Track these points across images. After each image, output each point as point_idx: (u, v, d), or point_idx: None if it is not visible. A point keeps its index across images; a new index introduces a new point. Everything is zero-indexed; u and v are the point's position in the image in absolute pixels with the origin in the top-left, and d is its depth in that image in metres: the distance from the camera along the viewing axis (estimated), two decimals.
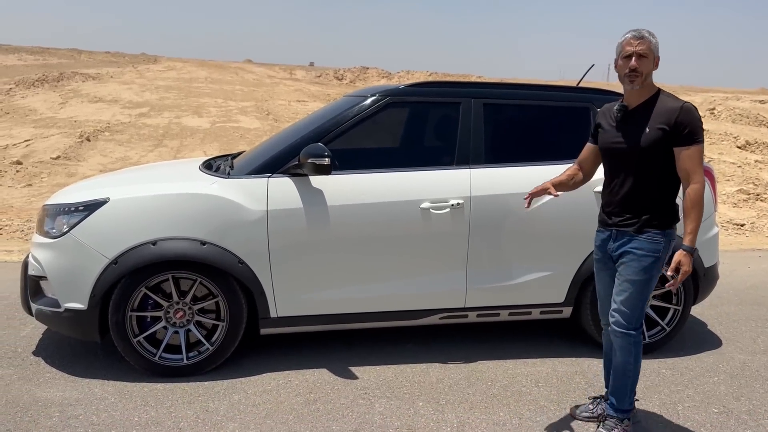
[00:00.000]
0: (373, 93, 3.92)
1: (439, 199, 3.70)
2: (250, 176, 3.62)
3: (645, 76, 2.75)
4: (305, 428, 3.06)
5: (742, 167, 14.40)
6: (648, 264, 2.80)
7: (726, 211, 9.92)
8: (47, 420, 3.06)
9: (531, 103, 4.03)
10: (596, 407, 3.22)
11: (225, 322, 3.57)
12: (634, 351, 2.91)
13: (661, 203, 2.82)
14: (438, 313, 3.84)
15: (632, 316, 2.86)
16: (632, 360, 2.91)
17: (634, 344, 2.90)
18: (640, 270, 2.81)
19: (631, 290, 2.84)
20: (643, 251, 2.81)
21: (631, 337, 2.88)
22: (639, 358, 2.94)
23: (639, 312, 2.87)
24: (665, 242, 2.82)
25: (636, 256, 2.82)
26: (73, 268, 3.43)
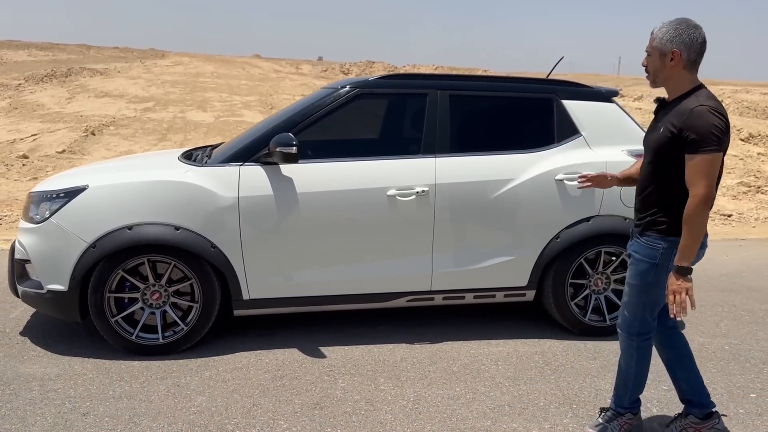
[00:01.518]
0: (344, 85, 4.08)
1: (404, 187, 3.85)
2: (223, 165, 3.79)
3: (652, 73, 2.62)
4: (269, 402, 3.24)
5: (744, 160, 14.44)
6: (643, 269, 2.69)
7: (726, 204, 9.99)
8: (28, 393, 3.27)
9: (495, 94, 4.18)
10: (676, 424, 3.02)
11: (199, 304, 3.75)
12: (636, 355, 2.84)
13: (669, 208, 2.62)
14: (405, 296, 4.00)
15: (632, 322, 2.79)
16: (633, 363, 2.86)
17: (636, 349, 2.83)
18: (635, 274, 2.73)
19: (629, 294, 2.78)
20: (639, 255, 2.71)
21: (633, 341, 2.82)
22: (642, 363, 2.86)
23: (639, 318, 2.77)
24: (666, 249, 2.63)
25: (633, 259, 2.75)
26: (54, 252, 3.62)
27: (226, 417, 3.09)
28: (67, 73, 30.37)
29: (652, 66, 2.60)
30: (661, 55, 2.55)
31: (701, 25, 2.55)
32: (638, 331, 2.80)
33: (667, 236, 2.62)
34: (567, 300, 4.11)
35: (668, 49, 2.53)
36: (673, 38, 2.51)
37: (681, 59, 2.52)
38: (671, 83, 2.60)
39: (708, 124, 2.41)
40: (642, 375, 2.91)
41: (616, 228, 4.05)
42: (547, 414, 3.21)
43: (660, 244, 2.64)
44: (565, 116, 4.13)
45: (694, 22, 2.54)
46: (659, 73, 2.60)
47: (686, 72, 2.56)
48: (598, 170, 4.00)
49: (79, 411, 3.11)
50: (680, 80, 2.57)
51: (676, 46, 2.51)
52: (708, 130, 2.41)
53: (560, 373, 3.66)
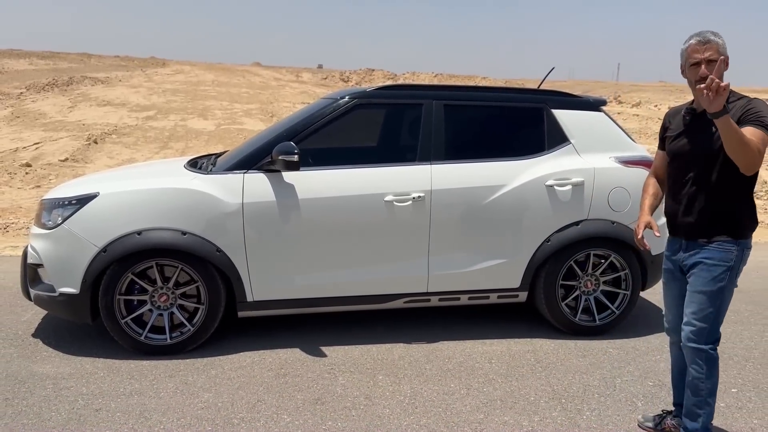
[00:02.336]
0: (343, 95, 4.26)
1: (401, 193, 4.03)
2: (228, 172, 3.97)
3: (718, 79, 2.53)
4: (272, 398, 3.41)
5: None
6: (719, 274, 2.69)
7: None
8: (42, 390, 3.43)
9: (488, 104, 4.36)
10: (661, 420, 3.13)
11: (205, 306, 3.91)
12: (706, 367, 2.77)
13: (731, 211, 2.68)
14: (402, 297, 4.17)
15: (703, 330, 2.74)
16: (704, 377, 2.78)
17: (706, 360, 2.76)
18: (710, 280, 2.70)
19: (700, 303, 2.73)
20: (714, 261, 2.70)
21: (703, 352, 2.76)
22: (712, 374, 2.79)
23: (712, 325, 2.74)
24: (738, 251, 2.69)
25: (706, 266, 2.71)
26: (66, 256, 3.79)
27: (232, 412, 3.25)
28: (69, 82, 30.60)
29: (718, 73, 2.56)
30: (725, 60, 2.63)
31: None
32: (707, 339, 2.75)
33: (737, 239, 2.69)
34: (558, 301, 4.28)
35: (725, 54, 2.63)
36: (725, 45, 2.64)
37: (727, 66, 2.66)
38: None
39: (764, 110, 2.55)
40: (713, 388, 2.82)
41: (604, 231, 4.22)
42: (537, 408, 3.37)
43: (733, 247, 2.69)
44: (555, 125, 4.31)
45: None
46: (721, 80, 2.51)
47: None
48: (585, 176, 4.21)
49: (92, 407, 3.27)
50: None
51: (726, 53, 2.64)
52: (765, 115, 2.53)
53: (551, 370, 3.82)
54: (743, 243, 2.72)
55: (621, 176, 4.26)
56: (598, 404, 3.43)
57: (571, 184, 4.19)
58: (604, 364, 3.94)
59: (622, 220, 4.23)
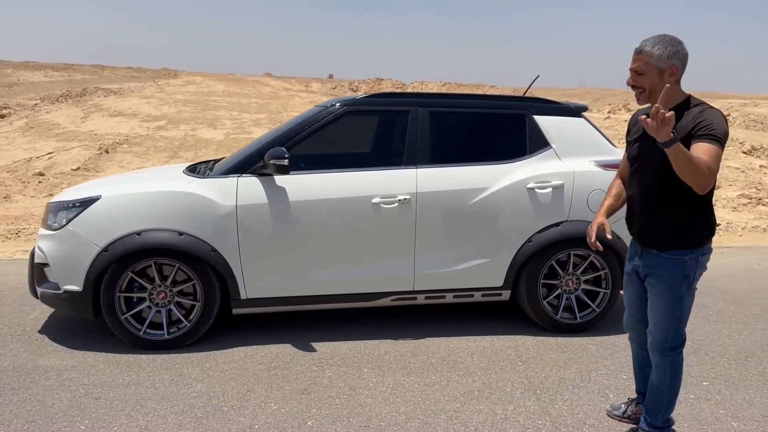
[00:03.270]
0: (333, 103, 4.47)
1: (388, 195, 4.22)
2: (223, 176, 4.19)
3: (649, 92, 2.64)
4: (261, 388, 3.60)
5: (746, 172, 14.67)
6: (674, 285, 2.73)
7: (725, 215, 10.22)
8: (46, 381, 3.65)
9: (472, 110, 4.56)
10: (627, 407, 3.28)
11: (200, 303, 4.12)
12: (670, 372, 2.86)
13: (684, 221, 2.68)
14: (389, 295, 4.36)
15: (666, 338, 2.80)
16: (667, 380, 2.87)
17: (671, 365, 2.85)
18: (666, 291, 2.75)
19: (660, 313, 2.79)
20: (668, 273, 2.73)
21: (668, 357, 2.84)
22: (675, 378, 2.88)
23: (673, 332, 2.79)
24: (692, 260, 2.71)
25: (662, 278, 2.75)
26: (70, 256, 4.02)
27: (223, 400, 3.45)
28: (82, 93, 31.12)
29: (649, 83, 2.61)
30: (660, 72, 2.60)
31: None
32: (672, 345, 2.82)
33: (692, 249, 2.70)
34: (540, 299, 4.45)
35: (666, 65, 2.59)
36: (672, 55, 2.59)
37: (678, 74, 2.63)
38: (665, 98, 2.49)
39: (722, 120, 2.53)
40: (675, 392, 2.91)
41: (584, 232, 4.37)
42: (512, 398, 3.54)
43: (687, 257, 2.70)
44: (537, 130, 4.49)
45: (677, 37, 2.64)
46: (655, 90, 2.60)
47: (678, 85, 2.67)
48: (565, 179, 4.38)
49: (92, 396, 3.48)
50: (676, 93, 2.65)
51: (675, 62, 2.60)
52: (722, 127, 2.52)
53: (529, 364, 3.99)
54: (698, 251, 2.71)
55: (600, 179, 4.42)
56: (571, 395, 3.60)
57: (552, 187, 4.37)
58: (581, 358, 4.11)
59: None
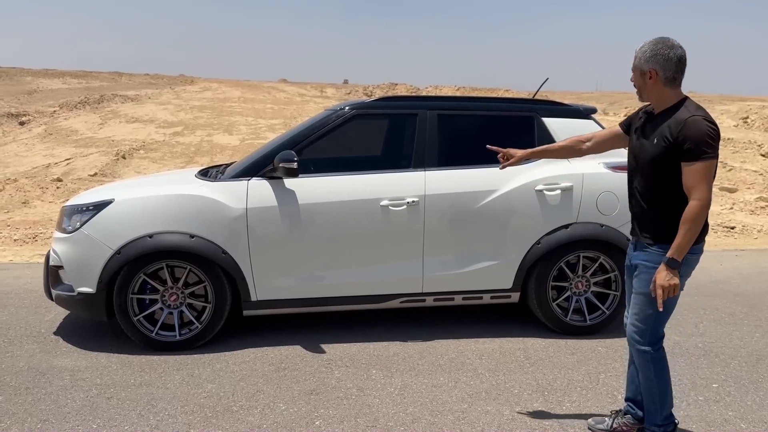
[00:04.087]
0: (343, 107, 4.52)
1: (396, 198, 4.25)
2: (234, 180, 4.24)
3: (637, 89, 2.77)
4: (270, 388, 3.64)
5: (764, 175, 14.53)
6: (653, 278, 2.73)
7: (742, 218, 10.13)
8: (60, 381, 3.71)
9: (480, 113, 4.59)
10: (612, 421, 3.15)
11: (212, 305, 4.17)
12: (653, 367, 2.87)
13: (673, 217, 2.68)
14: (398, 297, 4.38)
15: (645, 331, 2.83)
16: (653, 376, 2.88)
17: (652, 360, 2.86)
18: (646, 283, 2.76)
19: (641, 304, 2.82)
20: (653, 264, 2.74)
21: (647, 353, 2.85)
22: (662, 373, 2.89)
23: (652, 327, 2.82)
24: None
25: (646, 268, 2.78)
26: (84, 258, 4.08)
27: (233, 401, 3.49)
28: (100, 100, 31.50)
29: (636, 83, 2.76)
30: (641, 74, 2.72)
31: (680, 44, 2.69)
32: (650, 340, 2.85)
33: None
34: (549, 301, 4.45)
35: (646, 68, 2.69)
36: (650, 58, 2.67)
37: (658, 77, 2.67)
38: (654, 98, 2.74)
39: (702, 132, 2.55)
40: (665, 387, 2.91)
41: (593, 234, 4.39)
42: (519, 399, 3.55)
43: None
44: (545, 132, 4.50)
45: (672, 42, 2.68)
46: (642, 90, 2.75)
47: (667, 88, 2.69)
48: (574, 181, 4.39)
49: (105, 396, 3.54)
50: (663, 95, 2.70)
51: (653, 66, 2.67)
52: (704, 139, 2.54)
53: (538, 366, 4.00)
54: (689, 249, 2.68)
55: (609, 181, 4.42)
56: (579, 397, 3.60)
57: (560, 189, 4.38)
58: (591, 361, 4.10)
59: (610, 223, 4.40)
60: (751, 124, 22.48)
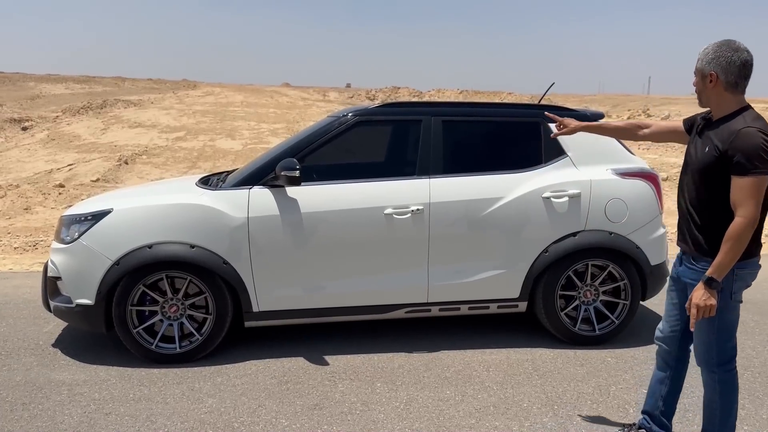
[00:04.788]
0: (346, 113, 4.43)
1: (401, 206, 4.16)
2: (235, 188, 4.16)
3: (698, 94, 2.66)
4: (273, 403, 3.55)
5: None
6: None
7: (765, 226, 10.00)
8: (57, 396, 3.63)
9: (485, 119, 4.49)
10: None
11: (212, 316, 4.09)
12: (720, 389, 2.76)
13: (718, 232, 2.57)
14: (403, 307, 4.29)
15: (709, 352, 2.73)
16: (717, 398, 2.78)
17: (719, 382, 2.75)
18: None
19: (702, 327, 2.70)
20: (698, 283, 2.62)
21: (714, 374, 2.75)
22: (727, 395, 2.77)
23: (716, 348, 2.71)
24: (730, 273, 2.57)
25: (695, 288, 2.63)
26: (82, 269, 4.00)
27: (234, 416, 3.40)
28: (103, 105, 31.50)
29: (697, 87, 2.66)
30: (702, 77, 2.61)
31: (746, 48, 2.57)
32: (717, 361, 2.73)
33: None
34: (557, 310, 4.35)
35: (707, 71, 2.58)
36: (712, 60, 2.57)
37: (719, 81, 2.56)
38: (714, 104, 2.63)
39: (756, 146, 2.42)
40: (729, 410, 2.79)
41: (602, 242, 4.29)
42: (528, 414, 3.45)
43: None
44: (552, 138, 4.41)
45: (738, 44, 2.57)
46: (702, 94, 2.65)
47: (728, 93, 2.58)
48: (582, 188, 4.30)
49: (103, 411, 3.45)
50: (723, 101, 2.60)
51: (714, 69, 2.56)
52: (756, 152, 2.42)
53: (547, 378, 3.90)
54: (737, 264, 2.57)
55: (618, 188, 4.33)
56: (590, 410, 3.50)
57: (568, 196, 4.28)
58: (600, 372, 4.01)
59: (619, 230, 4.31)
60: None
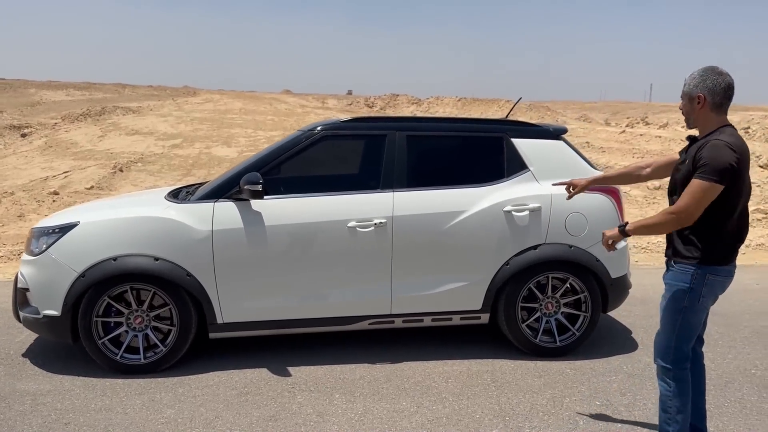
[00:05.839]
0: (315, 127, 4.51)
1: (364, 219, 4.24)
2: (200, 201, 4.23)
3: (686, 116, 2.88)
4: (230, 414, 3.62)
5: (761, 186, 14.45)
6: (677, 295, 2.86)
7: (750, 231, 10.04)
8: (20, 406, 3.70)
9: (449, 134, 4.58)
10: None
11: (177, 327, 4.16)
12: (674, 384, 2.92)
13: (695, 236, 2.82)
14: (367, 319, 4.36)
15: (666, 348, 2.92)
16: (670, 394, 2.93)
17: (673, 379, 2.92)
18: (670, 301, 2.89)
19: (663, 321, 2.93)
20: (672, 281, 2.88)
21: (669, 371, 2.92)
22: (680, 394, 2.92)
23: (674, 344, 2.89)
24: (699, 275, 2.80)
25: (669, 287, 2.91)
26: (49, 281, 4.08)
27: (190, 427, 3.47)
28: (101, 112, 31.64)
29: (684, 109, 2.89)
30: (690, 99, 2.84)
31: (728, 72, 2.82)
32: (673, 358, 2.91)
33: (700, 264, 2.80)
34: (518, 322, 4.42)
35: (695, 93, 2.82)
36: (699, 84, 2.81)
37: (707, 102, 2.80)
38: (701, 124, 2.86)
39: (716, 155, 2.67)
40: (683, 408, 2.94)
41: (562, 255, 4.36)
42: (479, 425, 3.52)
43: (692, 270, 2.82)
44: (515, 153, 4.49)
45: (721, 69, 2.82)
46: (690, 116, 2.87)
47: (713, 113, 2.82)
48: (542, 202, 4.37)
49: (62, 421, 3.52)
50: (708, 120, 2.83)
51: (701, 91, 2.80)
52: (714, 160, 2.67)
53: (503, 390, 3.96)
54: (706, 268, 2.80)
55: (578, 202, 4.38)
56: (540, 422, 3.56)
57: (529, 210, 4.35)
58: (557, 383, 4.06)
59: (579, 244, 4.38)
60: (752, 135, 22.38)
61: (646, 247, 8.58)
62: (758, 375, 4.28)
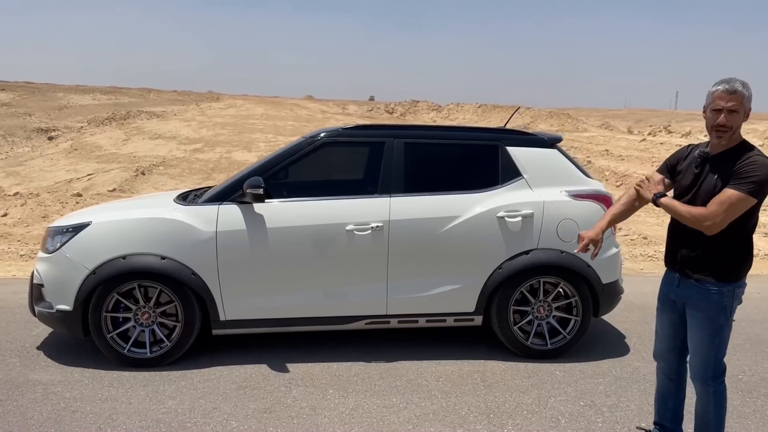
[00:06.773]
0: (316, 134, 4.71)
1: (361, 222, 4.41)
2: (206, 204, 4.44)
3: (734, 130, 2.76)
4: (228, 406, 3.81)
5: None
6: (712, 315, 2.87)
7: (756, 241, 10.02)
8: (32, 394, 3.93)
9: (446, 141, 4.74)
10: None
11: (181, 324, 4.36)
12: (714, 401, 2.96)
13: (722, 255, 2.82)
14: (363, 319, 4.53)
15: (707, 367, 2.93)
16: (711, 409, 2.97)
17: (714, 394, 2.96)
18: (705, 321, 2.89)
19: (700, 341, 2.92)
20: (706, 303, 2.87)
21: (710, 387, 2.95)
22: (719, 407, 2.99)
23: (713, 362, 2.92)
24: (728, 292, 2.84)
25: (700, 310, 2.89)
26: (62, 277, 4.31)
27: (189, 417, 3.67)
28: (126, 116, 32.26)
29: (735, 123, 2.75)
30: (746, 113, 2.78)
31: None
32: (713, 374, 2.95)
33: (729, 282, 2.84)
34: (510, 325, 4.56)
35: (748, 107, 2.78)
36: (750, 96, 2.77)
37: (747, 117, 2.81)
38: (736, 136, 2.82)
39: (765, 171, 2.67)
40: (720, 421, 3.01)
41: (553, 260, 4.50)
42: (464, 421, 3.66)
43: (725, 289, 2.84)
44: (509, 161, 4.63)
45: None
46: (737, 130, 2.79)
47: None
48: (535, 209, 4.51)
49: (70, 409, 3.74)
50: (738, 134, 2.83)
51: (749, 105, 2.78)
52: (756, 175, 2.67)
53: (491, 389, 4.10)
54: (734, 284, 2.86)
55: (570, 209, 4.53)
56: (523, 420, 3.70)
57: (521, 216, 4.50)
58: (545, 384, 4.19)
59: (570, 249, 4.49)
60: None
61: (653, 255, 8.64)
62: (744, 380, 4.36)
